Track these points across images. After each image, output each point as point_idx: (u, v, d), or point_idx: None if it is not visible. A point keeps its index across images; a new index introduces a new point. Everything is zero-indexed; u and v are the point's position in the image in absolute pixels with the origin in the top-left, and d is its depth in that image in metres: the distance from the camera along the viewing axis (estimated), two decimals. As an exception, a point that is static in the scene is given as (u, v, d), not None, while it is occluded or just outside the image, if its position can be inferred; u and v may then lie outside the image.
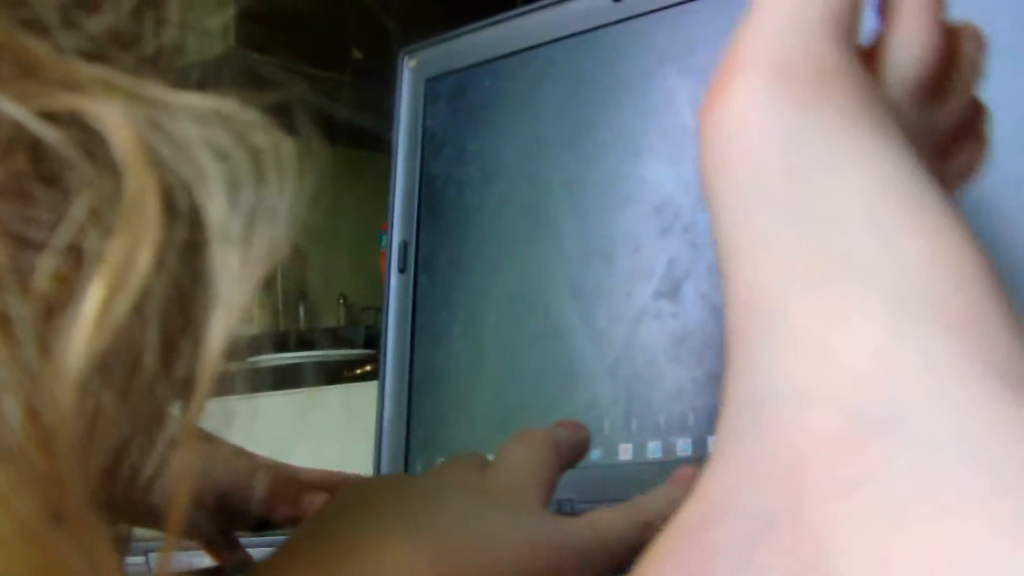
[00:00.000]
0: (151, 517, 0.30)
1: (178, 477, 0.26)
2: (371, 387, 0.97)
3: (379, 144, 0.81)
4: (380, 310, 0.79)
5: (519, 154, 0.72)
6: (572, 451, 0.48)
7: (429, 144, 0.77)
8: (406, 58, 0.79)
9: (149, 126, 0.25)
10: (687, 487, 0.45)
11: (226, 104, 0.26)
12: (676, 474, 0.46)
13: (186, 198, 0.26)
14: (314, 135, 0.30)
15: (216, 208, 0.26)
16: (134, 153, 0.24)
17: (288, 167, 0.27)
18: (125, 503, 0.29)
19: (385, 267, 0.77)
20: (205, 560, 0.61)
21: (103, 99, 0.25)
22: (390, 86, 0.80)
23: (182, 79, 0.28)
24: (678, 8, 0.67)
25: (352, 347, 1.34)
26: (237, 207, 0.26)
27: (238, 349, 0.26)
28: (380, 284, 0.81)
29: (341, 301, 1.80)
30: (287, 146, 0.27)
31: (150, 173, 0.25)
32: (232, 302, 0.26)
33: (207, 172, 0.25)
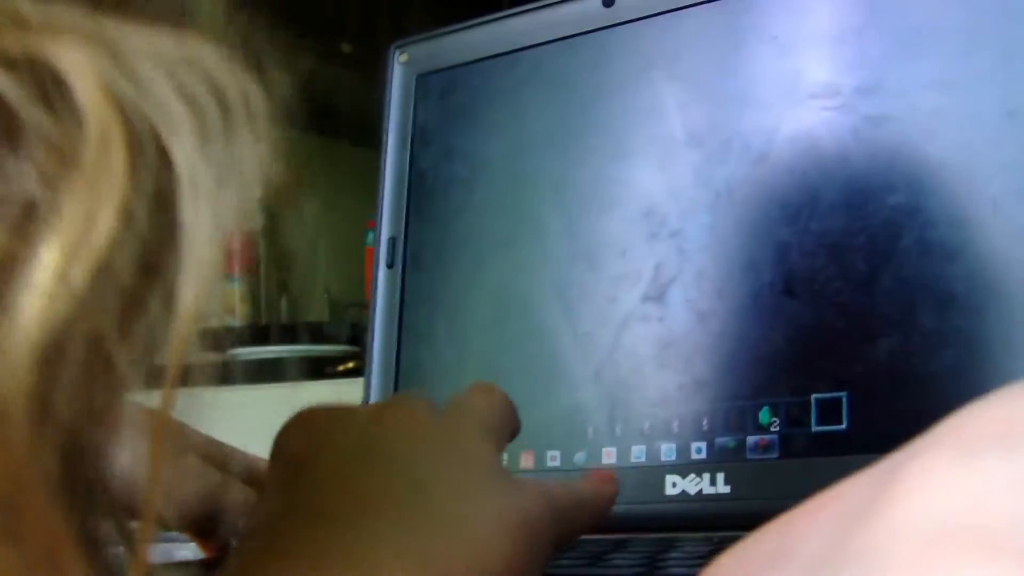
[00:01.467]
0: (126, 508, 0.29)
1: (151, 472, 0.25)
2: (354, 384, 0.98)
3: (366, 139, 0.82)
4: (364, 306, 0.80)
5: (508, 154, 0.73)
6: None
7: (419, 140, 0.77)
8: (397, 53, 0.80)
9: (112, 66, 0.23)
10: (608, 485, 0.46)
11: (193, 45, 0.24)
12: (597, 472, 0.47)
13: (153, 146, 0.24)
14: (286, 85, 0.27)
15: (186, 156, 0.24)
16: (97, 96, 0.23)
17: (260, 118, 0.25)
18: (91, 493, 0.27)
19: (372, 262, 0.78)
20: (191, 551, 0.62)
21: (60, 39, 0.23)
22: (380, 81, 0.81)
23: (143, 15, 0.25)
24: (667, 15, 0.69)
25: (336, 343, 1.33)
26: (207, 156, 0.24)
27: (212, 318, 0.25)
28: (365, 280, 0.82)
29: (325, 296, 1.80)
30: (257, 94, 0.25)
31: (115, 118, 0.23)
32: (203, 261, 0.24)
33: (175, 116, 0.24)
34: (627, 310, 0.65)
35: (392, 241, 0.77)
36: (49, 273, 0.22)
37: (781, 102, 0.63)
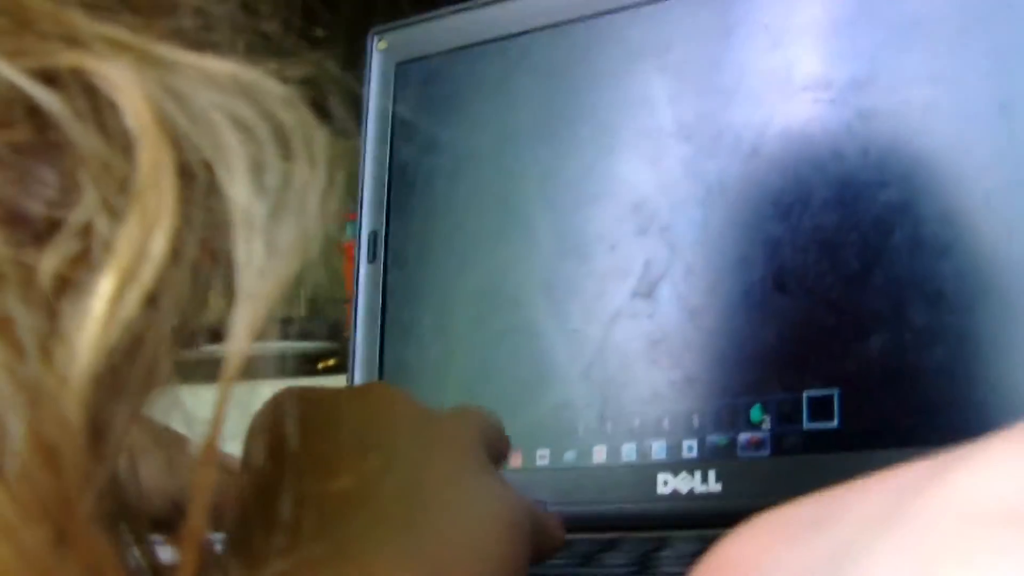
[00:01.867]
0: (155, 523, 0.30)
1: (197, 488, 0.25)
2: (335, 380, 0.98)
3: (342, 130, 0.82)
4: (344, 302, 0.79)
5: (492, 145, 0.73)
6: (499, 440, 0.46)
7: (400, 131, 0.77)
8: (376, 39, 0.80)
9: (162, 91, 0.23)
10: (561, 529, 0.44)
11: (247, 72, 0.24)
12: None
13: (205, 175, 0.24)
14: (349, 119, 0.28)
15: (239, 188, 0.24)
16: (148, 121, 0.22)
17: (319, 152, 0.25)
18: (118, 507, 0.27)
19: (354, 258, 0.78)
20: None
21: (110, 58, 0.22)
22: (358, 70, 0.81)
23: (186, 39, 0.25)
24: (657, 4, 0.69)
25: (314, 339, 1.33)
26: (262, 190, 0.24)
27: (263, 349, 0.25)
28: (344, 275, 0.82)
29: (302, 292, 1.78)
30: (318, 129, 0.25)
31: (166, 144, 0.23)
32: (257, 296, 0.24)
33: (228, 146, 0.24)
34: (616, 306, 0.66)
35: (373, 235, 0.77)
36: (103, 301, 0.22)
37: (773, 95, 0.64)
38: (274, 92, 0.24)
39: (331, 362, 1.21)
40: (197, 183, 0.24)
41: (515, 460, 0.67)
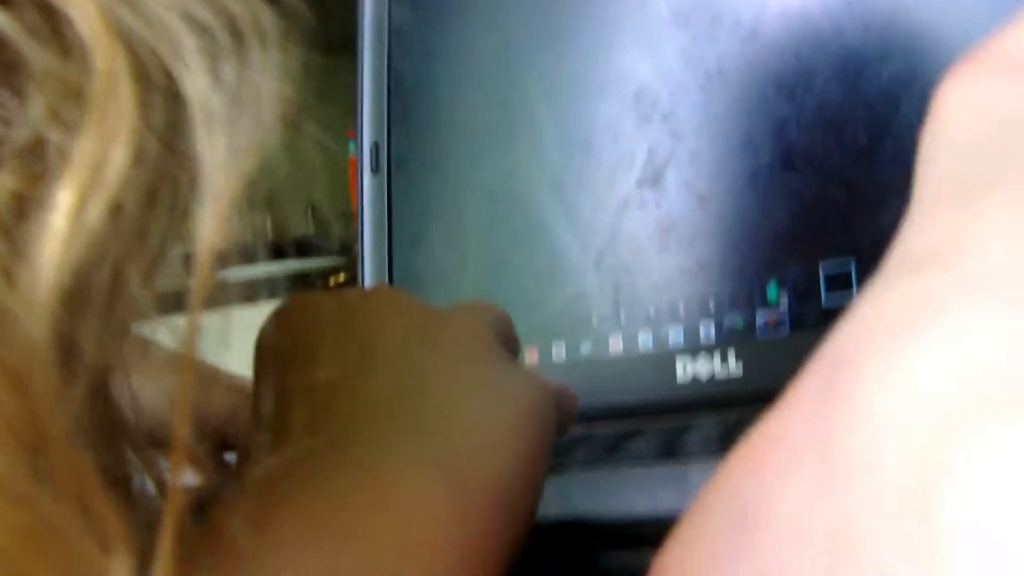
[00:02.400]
0: (146, 441, 0.30)
1: (177, 399, 0.24)
2: (347, 295, 0.96)
3: (341, 48, 0.81)
4: (351, 216, 0.79)
5: (491, 48, 0.73)
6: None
7: (396, 40, 0.77)
8: (366, -51, 0.79)
9: None
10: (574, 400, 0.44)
11: None
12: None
13: (162, 78, 0.24)
14: (297, 2, 0.27)
15: (197, 85, 0.24)
16: (100, 28, 0.22)
17: (271, 39, 0.25)
18: (114, 429, 0.27)
19: (357, 170, 0.78)
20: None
21: None
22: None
23: None
24: None
25: (324, 256, 1.32)
26: (219, 85, 0.24)
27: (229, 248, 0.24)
28: (349, 190, 0.81)
29: (309, 210, 1.78)
30: (268, 15, 0.25)
31: (120, 49, 0.23)
32: (221, 192, 0.24)
33: (184, 45, 0.24)
34: (624, 195, 0.66)
35: (375, 146, 0.76)
36: (64, 215, 0.22)
37: (770, -28, 0.63)
38: None
39: (342, 277, 1.21)
40: (155, 86, 0.23)
41: (531, 356, 0.67)
